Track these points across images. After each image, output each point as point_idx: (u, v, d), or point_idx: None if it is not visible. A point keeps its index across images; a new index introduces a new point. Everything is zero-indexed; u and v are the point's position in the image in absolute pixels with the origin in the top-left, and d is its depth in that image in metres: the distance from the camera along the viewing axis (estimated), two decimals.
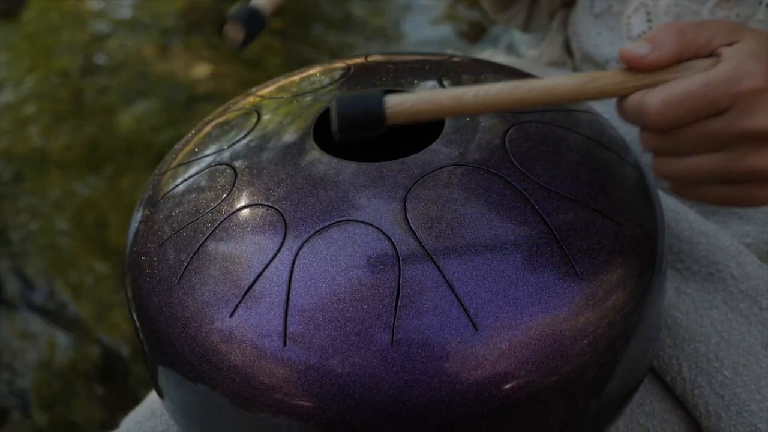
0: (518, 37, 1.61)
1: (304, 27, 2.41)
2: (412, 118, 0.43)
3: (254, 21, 0.54)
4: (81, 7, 2.59)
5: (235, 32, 0.53)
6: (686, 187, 0.47)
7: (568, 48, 0.81)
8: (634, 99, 0.44)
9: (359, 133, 0.42)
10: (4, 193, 1.81)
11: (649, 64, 0.44)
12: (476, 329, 0.43)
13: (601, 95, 0.45)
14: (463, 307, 0.43)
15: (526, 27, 0.89)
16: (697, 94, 0.42)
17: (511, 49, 1.57)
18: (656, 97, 0.43)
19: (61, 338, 1.50)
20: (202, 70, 2.18)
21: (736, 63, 0.43)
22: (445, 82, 0.56)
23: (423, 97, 0.43)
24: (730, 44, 0.44)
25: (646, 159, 0.63)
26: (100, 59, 2.29)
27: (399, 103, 0.42)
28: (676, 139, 0.44)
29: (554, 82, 0.44)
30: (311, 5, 2.55)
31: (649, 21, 0.70)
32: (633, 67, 0.44)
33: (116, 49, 2.33)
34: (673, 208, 0.61)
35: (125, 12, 2.53)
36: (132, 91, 2.13)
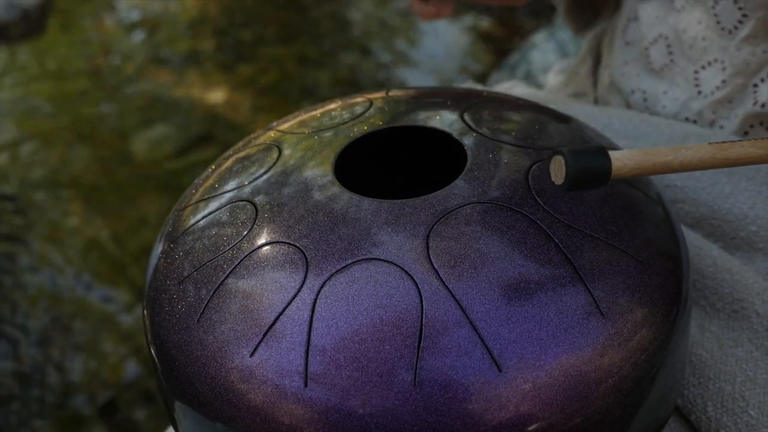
0: (536, 66, 1.61)
1: (320, 54, 2.43)
2: (638, 173, 0.44)
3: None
4: (98, 31, 2.61)
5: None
6: None
7: (593, 79, 0.81)
8: None
9: (584, 188, 0.43)
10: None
11: None
12: (500, 370, 0.42)
13: None
14: (487, 347, 0.43)
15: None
16: None
17: (529, 78, 1.57)
18: None
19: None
20: (218, 96, 2.19)
21: None
22: (466, 117, 0.56)
23: (649, 155, 0.44)
24: None
25: (668, 195, 0.62)
26: (117, 84, 2.30)
27: (623, 159, 0.43)
28: None
29: (746, 145, 0.45)
30: (326, 30, 2.56)
31: (671, 53, 0.69)
32: None
33: (132, 73, 2.35)
34: (696, 244, 0.60)
35: (138, 36, 2.55)
36: (147, 115, 2.14)
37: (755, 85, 0.65)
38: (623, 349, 0.45)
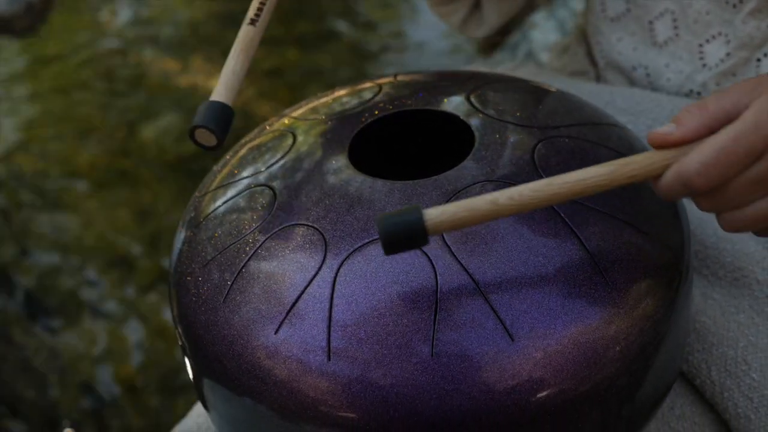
0: (537, 44, 1.62)
1: (321, 37, 2.44)
2: (452, 227, 0.44)
3: (220, 120, 0.51)
4: (99, 22, 2.63)
5: (206, 138, 0.52)
6: (745, 227, 0.46)
7: (591, 57, 0.82)
8: (670, 174, 0.44)
9: (404, 248, 0.44)
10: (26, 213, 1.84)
11: (675, 140, 0.45)
12: (512, 340, 0.44)
13: (633, 179, 0.46)
14: (500, 318, 0.45)
15: (463, 28, 0.88)
16: (729, 148, 0.43)
17: (530, 57, 1.59)
18: (692, 163, 0.43)
19: None
20: None
21: (758, 108, 0.43)
22: (473, 99, 0.58)
23: (460, 206, 0.44)
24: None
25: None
26: (122, 73, 2.32)
27: (438, 215, 0.44)
28: (731, 196, 0.44)
29: (585, 174, 0.45)
30: (325, 14, 2.57)
31: (676, 27, 0.71)
32: (661, 146, 0.45)
33: (136, 64, 2.36)
34: (698, 215, 0.62)
35: (142, 27, 2.56)
36: (154, 104, 2.16)
37: (758, 59, 0.67)
38: (629, 317, 0.47)
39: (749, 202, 0.45)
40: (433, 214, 0.43)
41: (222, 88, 0.53)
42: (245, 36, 0.55)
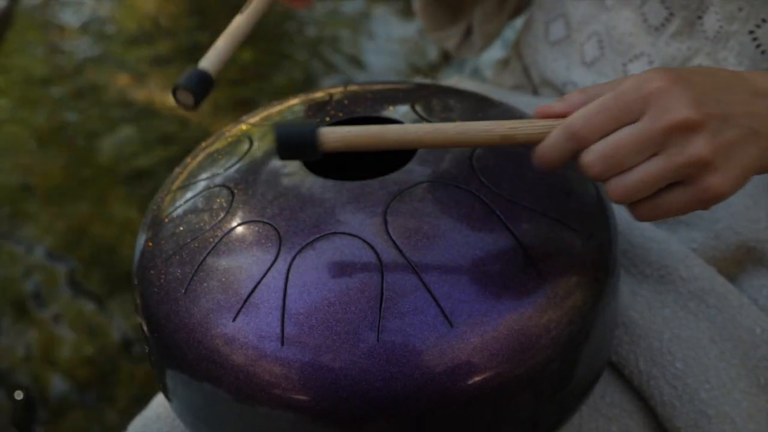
0: (483, 61, 1.68)
1: (275, 53, 2.47)
2: (344, 147, 0.49)
3: (202, 85, 0.61)
4: (58, 38, 2.63)
5: (185, 97, 0.60)
6: (648, 207, 0.49)
7: (527, 73, 0.87)
8: (557, 129, 0.48)
9: (296, 157, 0.49)
10: None
11: (558, 110, 0.49)
12: (451, 326, 0.48)
13: (517, 139, 0.50)
14: (440, 307, 0.49)
15: (457, 51, 0.95)
16: (610, 103, 0.47)
17: (476, 73, 1.64)
18: (577, 116, 0.47)
19: None
20: None
21: (638, 75, 0.48)
22: (417, 108, 0.62)
23: (352, 130, 0.49)
24: None
25: None
26: (79, 90, 2.33)
27: (331, 132, 0.48)
28: (615, 156, 0.46)
29: (473, 126, 0.49)
30: (281, 32, 2.61)
31: (602, 48, 0.76)
32: (544, 115, 0.50)
33: (94, 78, 2.37)
34: (627, 218, 0.67)
35: (97, 46, 2.57)
36: (111, 118, 2.18)
37: None
38: (559, 307, 0.51)
39: (634, 165, 0.47)
40: (327, 131, 0.48)
41: (206, 60, 0.62)
42: (235, 23, 0.66)
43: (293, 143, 0.48)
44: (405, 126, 0.49)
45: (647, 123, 0.46)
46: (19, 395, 1.45)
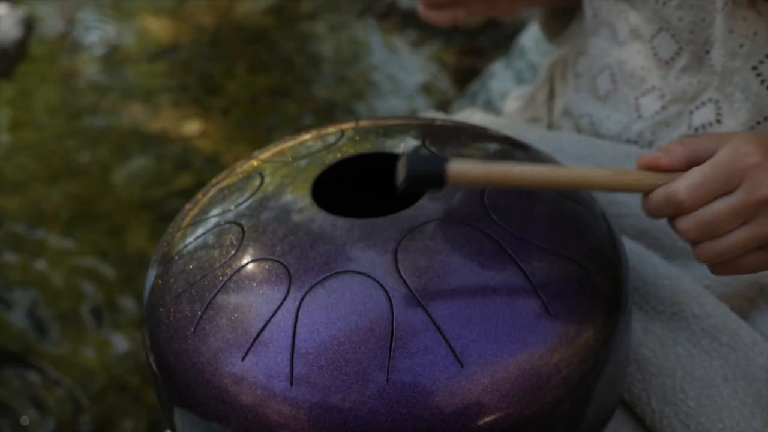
0: (495, 93, 1.68)
1: (291, 84, 2.49)
2: (469, 183, 0.51)
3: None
4: (72, 69, 2.66)
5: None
6: (730, 268, 0.54)
7: (549, 105, 0.88)
8: (660, 192, 0.53)
9: (420, 188, 0.51)
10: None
11: (664, 165, 0.54)
12: (462, 367, 0.48)
13: (624, 188, 0.55)
14: (450, 347, 0.48)
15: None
16: (711, 175, 0.51)
17: (488, 104, 1.64)
18: (681, 185, 0.52)
19: None
20: (192, 128, 2.24)
21: (732, 146, 0.52)
22: (428, 143, 0.62)
23: (479, 166, 0.51)
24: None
25: (612, 210, 0.69)
26: (93, 120, 2.35)
27: (459, 167, 0.50)
28: (711, 225, 0.52)
29: (588, 171, 0.54)
30: (297, 63, 2.63)
31: (614, 82, 0.76)
32: (648, 167, 0.54)
33: (108, 110, 2.39)
34: (638, 253, 0.66)
35: (110, 77, 2.59)
36: (125, 149, 2.19)
37: (691, 112, 0.72)
38: (570, 346, 0.51)
39: (724, 232, 0.52)
40: (456, 165, 0.50)
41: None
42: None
43: (421, 175, 0.49)
44: (531, 166, 0.52)
45: (742, 196, 0.51)
46: (25, 421, 1.45)
